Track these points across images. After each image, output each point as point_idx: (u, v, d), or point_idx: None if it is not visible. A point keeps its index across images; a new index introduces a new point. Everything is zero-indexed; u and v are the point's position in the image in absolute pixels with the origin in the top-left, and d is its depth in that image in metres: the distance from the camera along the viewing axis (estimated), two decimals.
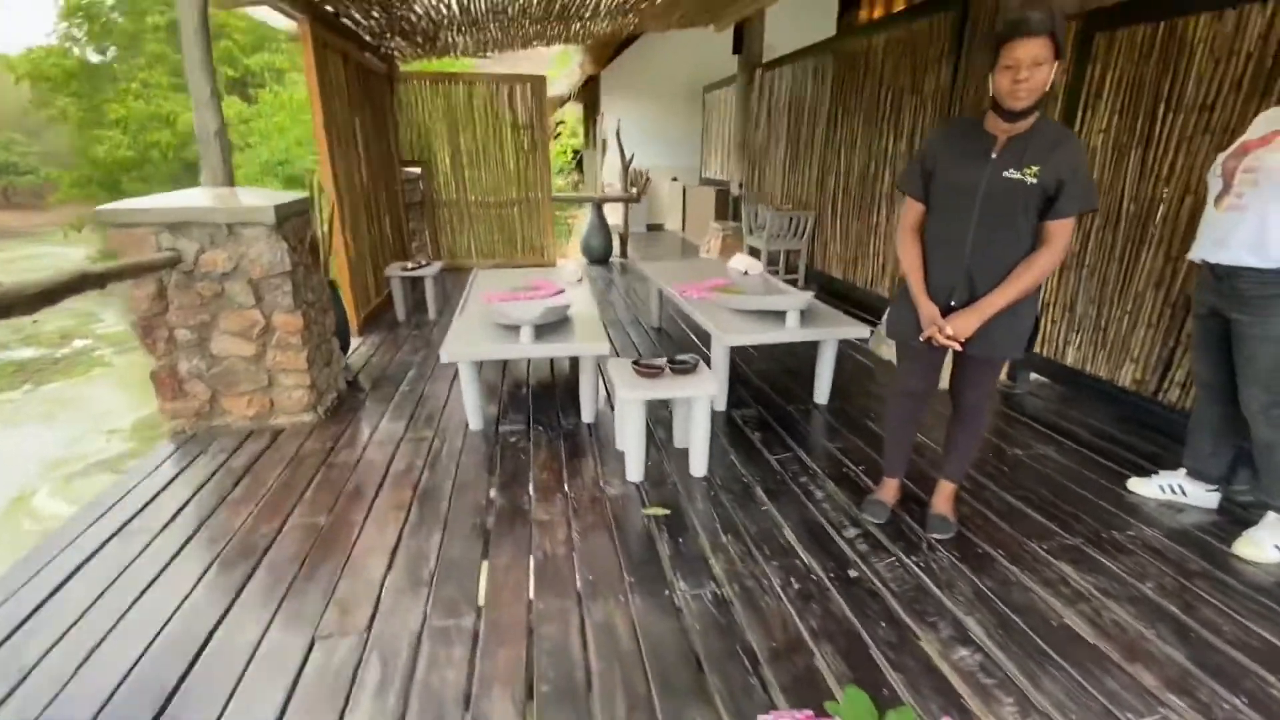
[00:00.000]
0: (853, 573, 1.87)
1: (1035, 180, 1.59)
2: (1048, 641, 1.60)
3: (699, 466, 2.40)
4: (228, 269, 2.59)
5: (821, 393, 3.10)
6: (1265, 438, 1.91)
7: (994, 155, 1.64)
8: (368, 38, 5.14)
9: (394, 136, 6.19)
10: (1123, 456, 2.57)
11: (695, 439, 2.36)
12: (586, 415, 2.90)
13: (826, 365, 3.05)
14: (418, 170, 6.61)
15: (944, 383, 2.03)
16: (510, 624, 1.66)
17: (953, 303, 1.76)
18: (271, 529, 2.09)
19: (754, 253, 6.49)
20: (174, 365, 2.68)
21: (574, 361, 3.35)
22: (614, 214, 8.16)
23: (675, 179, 10.57)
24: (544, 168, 6.77)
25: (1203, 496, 2.19)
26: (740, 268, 4.17)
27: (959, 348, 1.73)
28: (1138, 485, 2.29)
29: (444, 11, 4.51)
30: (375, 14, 4.36)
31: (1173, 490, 2.22)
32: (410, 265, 4.71)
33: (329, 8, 4.06)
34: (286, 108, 12.90)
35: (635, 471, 2.37)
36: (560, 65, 13.37)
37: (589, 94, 11.47)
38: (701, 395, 2.28)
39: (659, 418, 2.85)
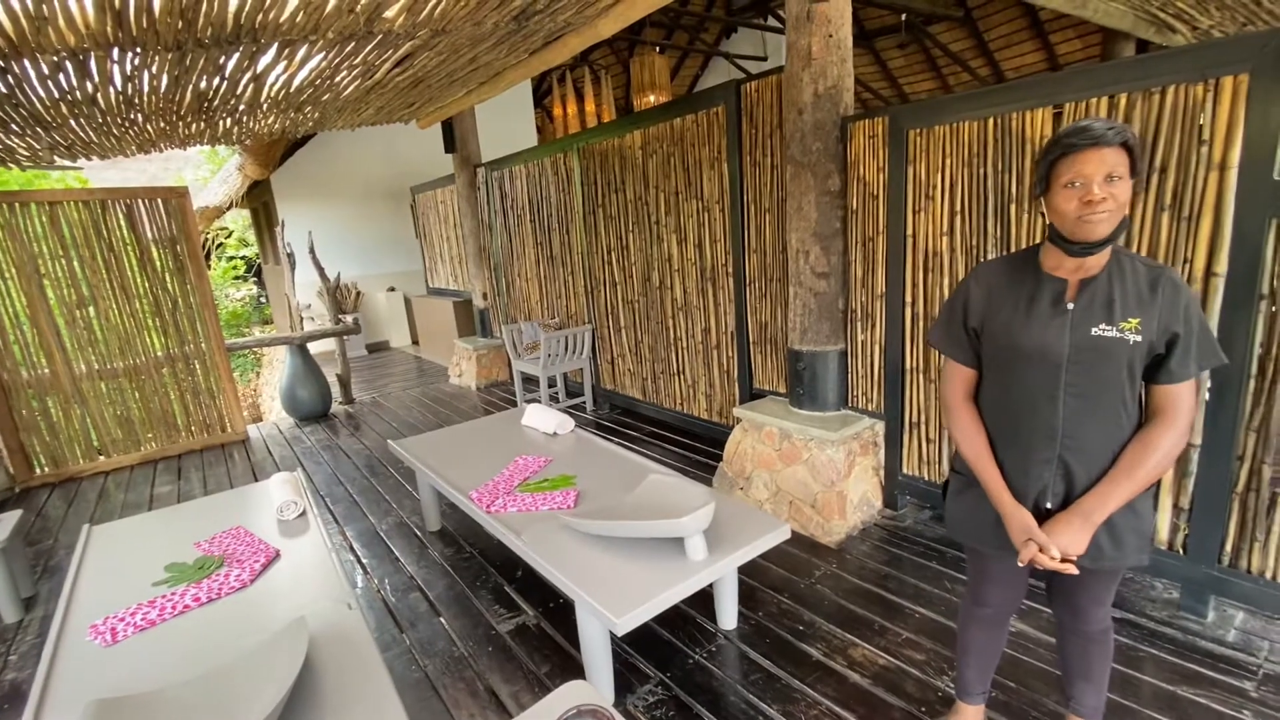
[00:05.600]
0: None
1: (1139, 337, 1.18)
2: None
3: None
4: None
5: (728, 614, 2.19)
6: None
7: (1070, 305, 1.23)
8: None
9: None
10: None
11: None
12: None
13: (731, 578, 2.16)
14: None
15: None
16: None
17: (1047, 505, 1.28)
18: None
19: (530, 382, 5.50)
20: None
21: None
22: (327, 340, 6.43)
23: (393, 288, 9.05)
24: (205, 306, 4.79)
25: None
26: (544, 427, 3.11)
27: (1074, 570, 1.21)
28: None
29: None
30: None
31: None
32: None
33: None
34: None
35: None
36: (215, 164, 10.82)
37: (259, 198, 9.32)
38: None
39: None
